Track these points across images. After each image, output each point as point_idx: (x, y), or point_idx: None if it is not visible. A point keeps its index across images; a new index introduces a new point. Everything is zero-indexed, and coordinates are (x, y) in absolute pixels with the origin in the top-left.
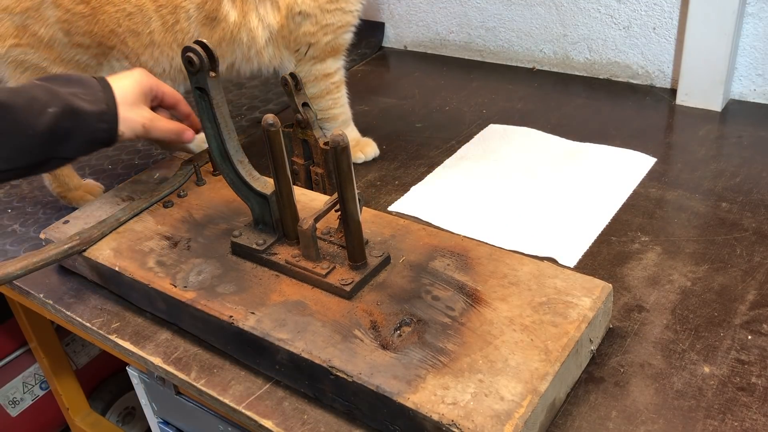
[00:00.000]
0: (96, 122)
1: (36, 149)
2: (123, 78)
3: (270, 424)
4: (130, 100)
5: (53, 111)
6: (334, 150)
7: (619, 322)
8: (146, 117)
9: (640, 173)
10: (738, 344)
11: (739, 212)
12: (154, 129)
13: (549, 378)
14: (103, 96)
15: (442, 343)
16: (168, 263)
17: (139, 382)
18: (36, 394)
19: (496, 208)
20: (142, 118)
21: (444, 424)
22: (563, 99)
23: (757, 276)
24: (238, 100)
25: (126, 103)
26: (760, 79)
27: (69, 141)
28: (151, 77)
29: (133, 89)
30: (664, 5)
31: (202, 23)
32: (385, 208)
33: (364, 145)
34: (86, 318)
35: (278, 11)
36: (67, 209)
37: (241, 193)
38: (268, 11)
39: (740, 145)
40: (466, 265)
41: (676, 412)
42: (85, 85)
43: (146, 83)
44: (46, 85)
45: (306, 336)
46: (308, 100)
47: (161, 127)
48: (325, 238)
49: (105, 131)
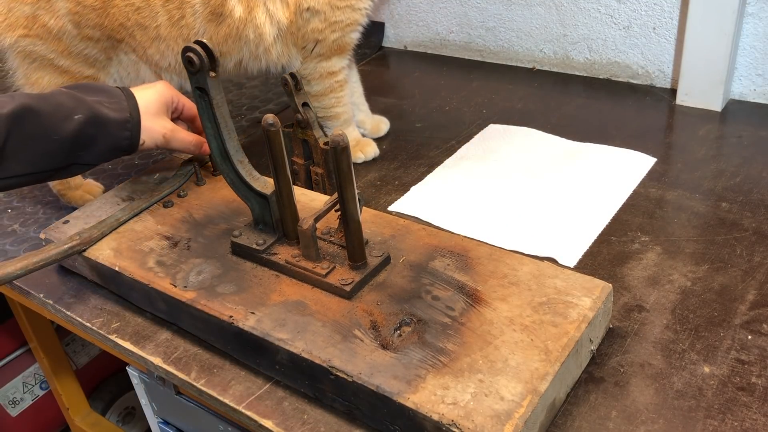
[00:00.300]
0: (119, 130)
1: (60, 154)
2: (146, 89)
3: (270, 424)
4: (153, 111)
5: (79, 118)
6: (334, 150)
7: (619, 322)
8: (167, 128)
9: (640, 173)
10: (738, 344)
11: (739, 212)
12: (174, 140)
13: (549, 378)
14: (126, 105)
15: (442, 343)
16: (168, 263)
17: (139, 382)
18: (36, 394)
19: (496, 208)
20: (164, 129)
21: (444, 424)
22: (563, 99)
23: (757, 276)
24: (238, 100)
25: (148, 113)
26: (760, 79)
27: (92, 147)
28: (172, 90)
29: (156, 100)
30: (664, 5)
31: (207, 19)
32: (385, 208)
33: (364, 145)
34: (86, 318)
35: (287, 7)
36: (67, 209)
37: (241, 193)
38: (277, 7)
39: (740, 145)
40: (466, 265)
41: (676, 412)
42: (109, 94)
43: (168, 95)
44: (72, 93)
45: (306, 336)
46: (308, 100)
47: (181, 138)
48: (325, 238)
49: (127, 139)
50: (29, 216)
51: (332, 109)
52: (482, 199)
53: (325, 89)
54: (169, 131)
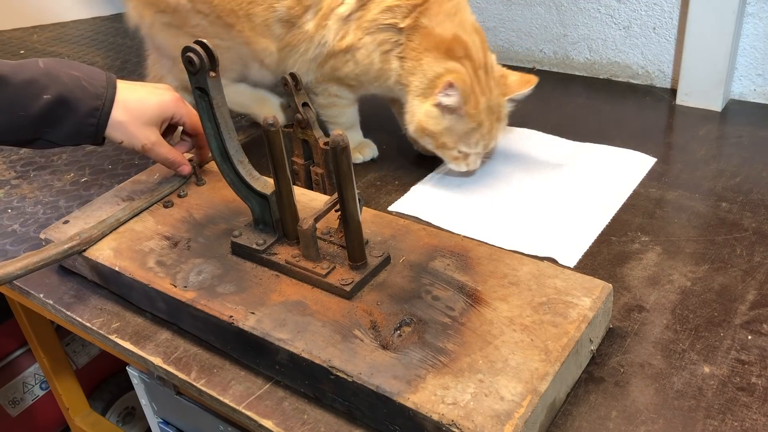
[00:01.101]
0: (86, 117)
1: (24, 130)
2: (152, 92)
3: (270, 424)
4: (144, 118)
5: (47, 98)
6: (334, 150)
7: (619, 322)
8: (150, 140)
9: (640, 173)
10: (738, 344)
11: (739, 212)
12: (153, 154)
13: (549, 378)
14: (103, 93)
15: (442, 343)
16: (168, 263)
17: (139, 382)
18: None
19: (496, 208)
20: (145, 140)
21: (444, 424)
22: (563, 99)
23: (757, 276)
24: None
25: (138, 119)
26: (760, 79)
27: (57, 128)
28: (178, 103)
29: (151, 108)
30: (664, 5)
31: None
32: (385, 208)
33: (363, 146)
34: (86, 318)
35: (341, 39)
36: (67, 209)
37: (241, 193)
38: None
39: (740, 145)
40: (466, 265)
41: (676, 412)
42: (90, 76)
43: (168, 108)
44: (50, 68)
45: (306, 336)
46: (308, 100)
47: (160, 153)
48: (325, 238)
49: (92, 126)
50: (29, 216)
51: (336, 119)
52: (482, 199)
53: (329, 103)
54: (150, 144)
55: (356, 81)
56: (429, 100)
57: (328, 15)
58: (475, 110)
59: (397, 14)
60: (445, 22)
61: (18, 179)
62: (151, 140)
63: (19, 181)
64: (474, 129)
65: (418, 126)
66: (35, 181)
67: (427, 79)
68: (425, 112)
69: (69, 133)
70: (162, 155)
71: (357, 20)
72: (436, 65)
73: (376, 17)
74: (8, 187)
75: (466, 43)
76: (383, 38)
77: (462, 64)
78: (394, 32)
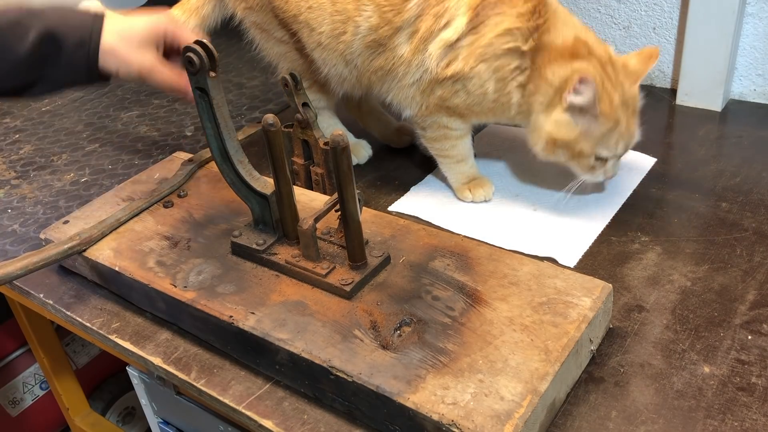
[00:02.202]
0: (76, 49)
1: (20, 73)
2: (139, 18)
3: (270, 424)
4: (135, 41)
5: (33, 35)
6: (334, 150)
7: (619, 322)
8: (145, 62)
9: (640, 173)
10: (738, 344)
11: (739, 212)
12: (152, 79)
13: (549, 378)
14: (89, 25)
15: (442, 343)
16: (168, 263)
17: (139, 382)
18: (36, 394)
19: (496, 208)
20: (140, 63)
21: (444, 424)
22: None
23: (757, 276)
24: (238, 100)
25: (129, 42)
26: (760, 79)
27: (49, 67)
28: (172, 23)
29: (142, 29)
30: (664, 5)
31: (367, 44)
32: (385, 208)
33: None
34: (86, 318)
35: (446, 66)
36: (67, 209)
37: (241, 193)
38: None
39: (740, 145)
40: (466, 265)
41: (676, 412)
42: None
43: (159, 28)
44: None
45: (306, 336)
46: (308, 100)
47: (159, 78)
48: (325, 238)
49: (83, 58)
50: (29, 216)
51: (446, 152)
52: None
53: (439, 136)
54: (147, 67)
55: (468, 111)
56: (557, 108)
57: (428, 39)
58: (610, 108)
59: (518, 37)
60: (563, 29)
61: (18, 179)
62: (147, 63)
63: (19, 181)
64: (611, 129)
65: (549, 139)
66: (35, 181)
67: (553, 89)
68: (554, 122)
69: (63, 70)
70: (163, 80)
71: (468, 46)
72: (561, 70)
73: (493, 41)
74: (8, 187)
75: (587, 41)
76: (500, 65)
77: (589, 62)
78: (514, 57)
